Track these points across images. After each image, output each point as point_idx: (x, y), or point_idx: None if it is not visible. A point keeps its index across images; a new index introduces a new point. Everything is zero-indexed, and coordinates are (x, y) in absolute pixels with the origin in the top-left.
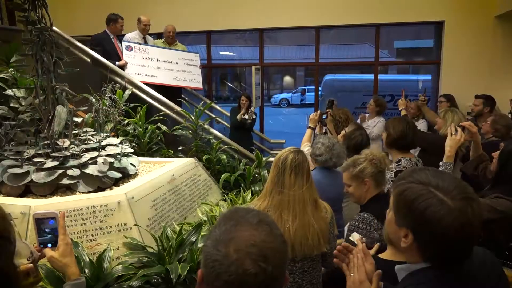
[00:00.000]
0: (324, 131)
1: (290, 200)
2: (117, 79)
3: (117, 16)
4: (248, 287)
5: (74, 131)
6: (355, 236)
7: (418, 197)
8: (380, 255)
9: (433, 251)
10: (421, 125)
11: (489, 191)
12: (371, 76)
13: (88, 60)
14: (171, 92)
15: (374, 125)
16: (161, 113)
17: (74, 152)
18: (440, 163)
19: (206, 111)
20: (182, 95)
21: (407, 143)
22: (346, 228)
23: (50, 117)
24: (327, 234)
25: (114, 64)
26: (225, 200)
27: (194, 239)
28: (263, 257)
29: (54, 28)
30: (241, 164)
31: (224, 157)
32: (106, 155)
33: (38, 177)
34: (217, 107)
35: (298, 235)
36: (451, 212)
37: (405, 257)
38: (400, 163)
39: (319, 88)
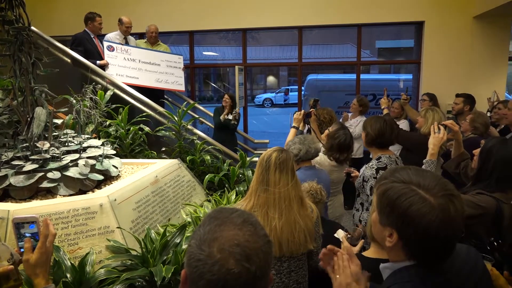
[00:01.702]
0: (307, 129)
1: (275, 197)
2: (98, 79)
3: (94, 15)
4: (231, 287)
5: (54, 133)
6: (340, 233)
7: (401, 195)
8: (364, 253)
9: (417, 248)
10: (403, 124)
11: (470, 187)
12: (354, 76)
13: (68, 60)
14: (154, 92)
15: (356, 124)
16: (144, 114)
17: (54, 154)
18: (424, 161)
19: (189, 111)
20: (165, 96)
21: (385, 141)
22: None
23: (29, 119)
24: (313, 232)
25: (96, 64)
26: (209, 201)
27: (178, 241)
28: (247, 257)
29: (32, 27)
30: (225, 164)
31: (208, 157)
32: (88, 157)
33: (17, 180)
34: (201, 108)
35: (285, 232)
36: (434, 209)
37: (389, 257)
38: (380, 160)
39: (302, 88)
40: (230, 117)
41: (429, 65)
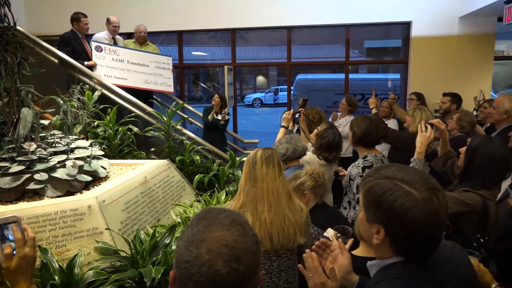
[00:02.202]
0: (296, 129)
1: (264, 192)
2: (86, 80)
3: (79, 15)
4: None
5: (41, 134)
6: (330, 232)
7: (386, 191)
8: (353, 252)
9: (404, 243)
10: (392, 124)
11: (457, 185)
12: (342, 76)
13: (55, 60)
14: (143, 93)
15: (345, 123)
16: (132, 114)
17: (41, 155)
18: (412, 159)
19: (178, 111)
20: (154, 96)
21: (371, 140)
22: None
23: (15, 120)
24: (303, 226)
25: (83, 64)
26: (199, 201)
27: (168, 242)
28: (235, 258)
29: (18, 27)
30: (214, 164)
31: (198, 158)
32: (75, 158)
33: (3, 182)
34: (190, 108)
35: (275, 225)
36: (418, 202)
37: (376, 255)
38: (366, 159)
39: (292, 88)
40: (219, 117)
41: (416, 64)
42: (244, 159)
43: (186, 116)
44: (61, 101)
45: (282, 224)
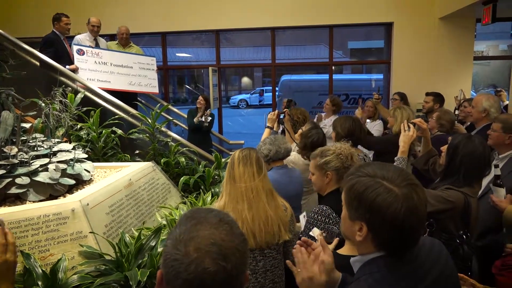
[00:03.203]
0: (281, 130)
1: (242, 190)
2: (68, 82)
3: (60, 15)
4: (208, 286)
5: (22, 138)
6: (316, 232)
7: (367, 188)
8: (339, 251)
9: (386, 238)
10: (378, 125)
11: (439, 183)
12: (327, 76)
13: (36, 63)
14: (127, 95)
15: (330, 124)
16: (116, 116)
17: (23, 159)
18: (395, 158)
19: (163, 113)
20: (138, 98)
21: (354, 140)
22: (301, 218)
23: None
24: (288, 223)
25: (65, 68)
26: (184, 203)
27: (153, 244)
28: (223, 256)
29: None
30: (200, 166)
31: (183, 159)
32: (58, 162)
33: None
34: (175, 110)
35: (256, 222)
36: (399, 198)
37: (359, 251)
38: None
39: (276, 89)
40: (203, 118)
41: (398, 65)
42: (228, 161)
43: (171, 118)
44: (43, 104)
45: (264, 221)
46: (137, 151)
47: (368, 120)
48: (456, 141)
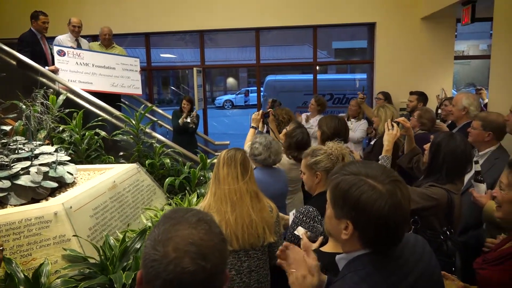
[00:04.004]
0: (266, 130)
1: (226, 192)
2: (50, 83)
3: (38, 13)
4: (187, 286)
5: (3, 140)
6: (300, 231)
7: (352, 186)
8: (322, 248)
9: (371, 235)
10: (363, 125)
11: (423, 180)
12: (311, 76)
13: (14, 62)
14: (110, 96)
15: (316, 123)
16: (100, 118)
17: (3, 162)
18: (380, 157)
19: (148, 115)
20: (122, 99)
21: (340, 138)
22: (290, 215)
23: None
24: (273, 226)
25: (44, 69)
26: (170, 204)
27: (138, 246)
28: (202, 255)
29: None
30: (185, 167)
31: (168, 161)
32: (40, 164)
33: None
34: (159, 111)
35: (240, 224)
36: (383, 195)
37: (344, 249)
38: None
39: (262, 89)
40: (189, 120)
41: (381, 64)
42: (215, 161)
43: (156, 119)
44: (24, 106)
45: (247, 223)
46: (122, 153)
47: (352, 120)
48: (438, 139)
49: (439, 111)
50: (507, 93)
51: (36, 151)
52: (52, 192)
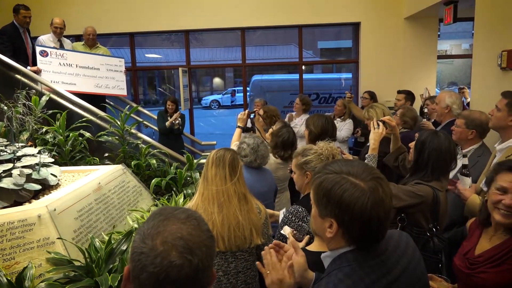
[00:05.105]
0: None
1: (213, 193)
2: (32, 84)
3: (20, 6)
4: (173, 279)
5: None
6: (287, 230)
7: (334, 184)
8: (308, 247)
9: (355, 232)
10: (348, 124)
11: (409, 178)
12: (297, 76)
13: None
14: (95, 97)
15: (301, 123)
16: (84, 119)
17: None
18: (366, 155)
19: (133, 115)
20: (107, 100)
21: (328, 137)
22: (281, 213)
23: None
24: (260, 228)
25: (26, 69)
26: (156, 205)
27: (124, 248)
28: (189, 250)
29: None
30: (172, 167)
31: (154, 161)
32: (23, 167)
33: None
34: (145, 111)
35: (226, 226)
36: (365, 192)
37: (329, 247)
38: None
39: (248, 89)
40: (176, 121)
41: (366, 64)
42: (202, 161)
43: (141, 120)
44: (5, 107)
45: (234, 225)
46: (107, 154)
47: (338, 119)
48: (423, 137)
49: (425, 109)
50: (488, 91)
51: (19, 153)
52: (36, 195)
